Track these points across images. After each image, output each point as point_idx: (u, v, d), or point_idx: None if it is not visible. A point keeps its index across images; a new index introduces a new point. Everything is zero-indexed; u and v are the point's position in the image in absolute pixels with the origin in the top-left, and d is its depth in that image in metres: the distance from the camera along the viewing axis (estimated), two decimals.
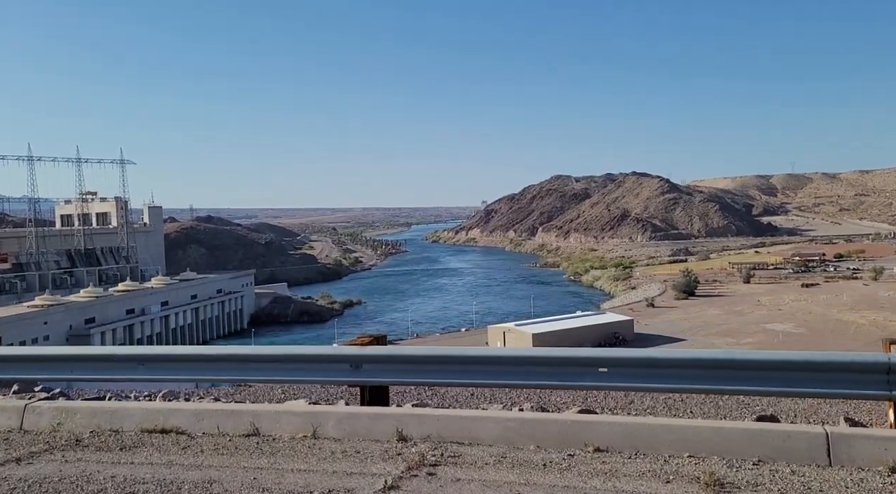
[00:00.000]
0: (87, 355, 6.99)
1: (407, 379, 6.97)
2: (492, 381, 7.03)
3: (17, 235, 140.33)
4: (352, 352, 6.73)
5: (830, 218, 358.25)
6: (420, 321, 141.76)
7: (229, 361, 6.94)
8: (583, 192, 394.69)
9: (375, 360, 6.77)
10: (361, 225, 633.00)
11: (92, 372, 6.95)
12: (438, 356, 6.89)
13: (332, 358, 6.85)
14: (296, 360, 6.86)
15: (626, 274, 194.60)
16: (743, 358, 6.39)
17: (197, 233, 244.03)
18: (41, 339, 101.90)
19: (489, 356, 6.95)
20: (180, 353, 7.08)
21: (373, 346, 6.87)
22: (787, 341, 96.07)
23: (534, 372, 6.76)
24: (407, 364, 6.83)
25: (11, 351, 7.09)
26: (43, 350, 7.18)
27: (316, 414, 6.64)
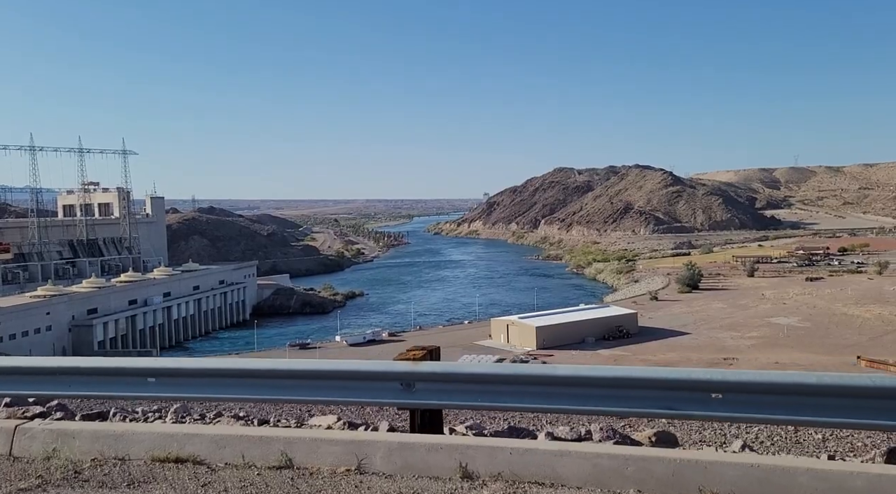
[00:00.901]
0: (88, 368, 5.91)
1: (469, 401, 5.77)
2: (574, 407, 5.77)
3: (19, 225, 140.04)
4: (403, 369, 5.71)
5: (834, 211, 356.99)
6: (423, 313, 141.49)
7: (258, 377, 5.83)
8: (585, 185, 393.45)
9: (431, 379, 5.71)
10: (363, 216, 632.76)
11: (94, 387, 5.88)
12: (507, 375, 5.73)
13: (379, 375, 5.76)
14: (336, 377, 5.79)
15: (629, 268, 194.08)
16: None
17: (199, 224, 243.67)
18: (44, 329, 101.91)
19: (570, 376, 5.65)
20: (199, 367, 5.90)
21: (428, 362, 5.82)
22: (792, 335, 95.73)
23: (625, 397, 5.55)
24: (469, 383, 5.69)
25: (1, 362, 6.08)
26: (37, 361, 6.07)
27: (360, 444, 5.54)
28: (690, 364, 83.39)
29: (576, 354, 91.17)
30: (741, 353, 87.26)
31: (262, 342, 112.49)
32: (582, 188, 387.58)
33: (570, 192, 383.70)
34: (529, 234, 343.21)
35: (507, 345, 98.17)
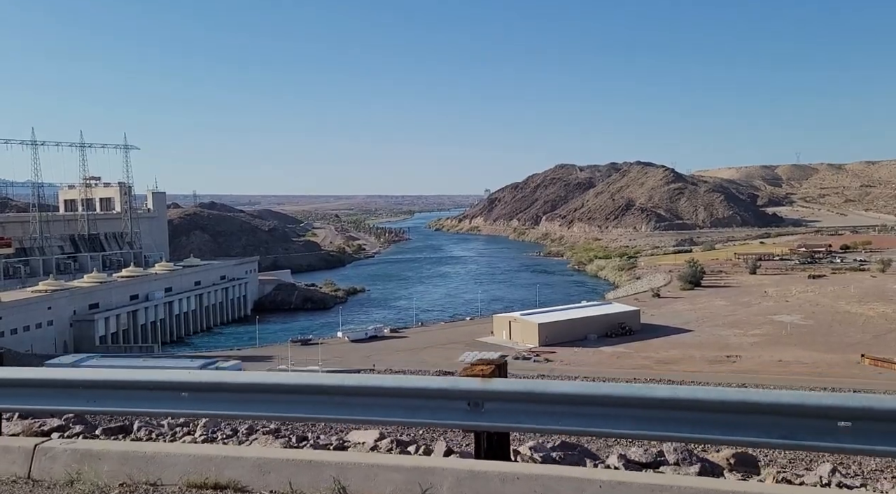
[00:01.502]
0: (115, 381, 5.19)
1: (551, 425, 4.95)
2: (675, 434, 4.90)
3: (20, 220, 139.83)
4: (472, 387, 4.94)
5: (836, 209, 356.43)
6: (425, 309, 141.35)
7: (305, 393, 5.09)
8: (587, 181, 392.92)
9: (504, 398, 4.91)
10: (364, 212, 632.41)
11: (122, 402, 5.16)
12: (598, 396, 4.88)
13: (443, 393, 5.01)
14: (392, 394, 5.03)
15: (631, 264, 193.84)
16: None
17: (200, 220, 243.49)
18: (45, 324, 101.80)
19: (670, 398, 4.82)
20: (238, 382, 5.19)
21: (499, 380, 5.00)
22: (795, 333, 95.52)
23: (735, 424, 4.78)
24: (550, 404, 4.87)
25: (18, 374, 5.32)
26: (58, 373, 5.35)
27: (424, 471, 4.83)
28: (693, 361, 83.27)
29: (578, 351, 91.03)
30: (744, 351, 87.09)
31: (264, 337, 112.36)
32: (583, 185, 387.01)
33: (572, 189, 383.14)
34: (531, 231, 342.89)
35: (510, 342, 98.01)
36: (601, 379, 74.98)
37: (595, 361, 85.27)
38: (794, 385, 68.21)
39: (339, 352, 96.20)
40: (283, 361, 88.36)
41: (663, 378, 74.10)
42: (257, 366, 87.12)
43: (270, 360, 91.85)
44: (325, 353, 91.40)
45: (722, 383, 71.78)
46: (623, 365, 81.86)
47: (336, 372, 71.38)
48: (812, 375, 73.80)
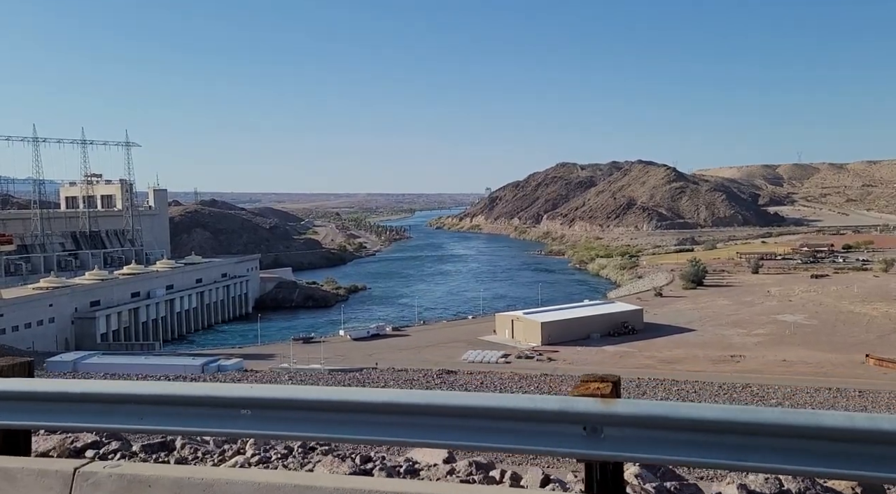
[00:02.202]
0: (164, 396, 4.44)
1: (691, 457, 4.03)
2: (850, 471, 3.92)
3: (21, 217, 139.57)
4: (590, 409, 4.12)
5: (837, 208, 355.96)
6: (427, 307, 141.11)
7: (389, 413, 4.32)
8: (588, 180, 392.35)
9: (628, 423, 4.09)
10: (365, 210, 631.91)
11: (172, 420, 4.41)
12: (747, 423, 3.93)
13: (554, 415, 4.17)
14: (491, 416, 4.23)
15: (633, 263, 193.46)
16: None
17: (201, 217, 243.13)
18: (46, 321, 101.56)
19: (853, 429, 3.82)
20: (309, 398, 4.36)
21: (623, 401, 4.22)
22: (799, 333, 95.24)
23: None
24: (684, 432, 4.00)
25: (52, 386, 4.55)
26: (97, 386, 4.55)
27: None
28: (696, 360, 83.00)
29: (581, 350, 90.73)
30: (748, 350, 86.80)
31: (266, 335, 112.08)
32: (585, 183, 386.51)
33: (573, 188, 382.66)
34: (532, 229, 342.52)
35: (512, 341, 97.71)
36: None
37: (598, 360, 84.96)
38: (799, 385, 67.95)
39: (342, 350, 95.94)
40: (285, 359, 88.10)
41: (667, 377, 73.83)
42: (259, 364, 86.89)
43: (272, 358, 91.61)
44: (328, 351, 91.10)
45: (725, 383, 71.50)
46: (626, 365, 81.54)
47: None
48: (817, 375, 73.51)
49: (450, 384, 71.41)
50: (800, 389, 66.15)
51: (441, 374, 76.86)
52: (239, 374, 79.22)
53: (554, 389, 68.93)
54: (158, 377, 76.62)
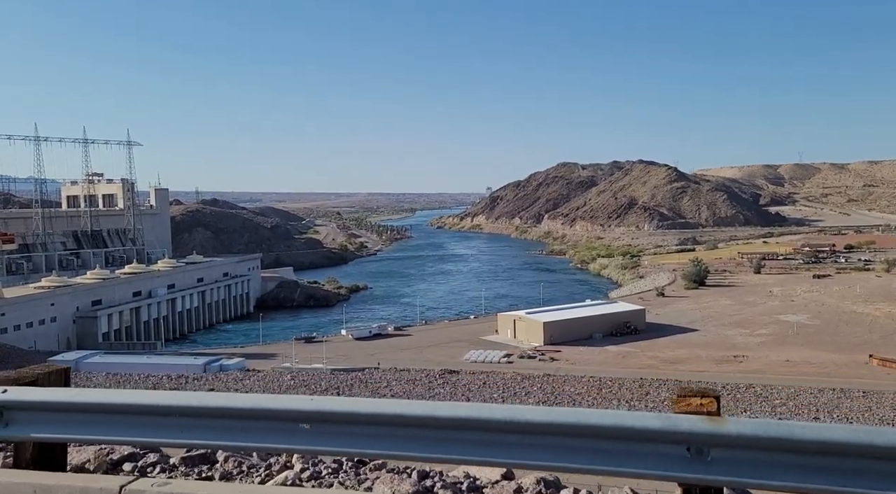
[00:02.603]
0: (215, 408, 4.04)
1: (806, 483, 3.52)
2: None
3: (23, 216, 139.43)
4: (696, 428, 3.65)
5: (839, 208, 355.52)
6: (430, 307, 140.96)
7: (457, 429, 3.84)
8: (589, 180, 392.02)
9: (740, 444, 3.59)
10: (366, 210, 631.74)
11: (228, 435, 4.04)
12: (884, 447, 3.38)
13: (652, 434, 3.69)
14: (584, 434, 3.77)
15: (634, 263, 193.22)
16: None
17: (203, 216, 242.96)
18: (48, 321, 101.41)
19: None
20: (378, 413, 3.94)
21: (732, 419, 3.67)
22: (802, 333, 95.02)
23: None
24: (805, 455, 3.52)
25: (92, 397, 4.19)
26: (142, 397, 4.17)
27: None
28: (699, 360, 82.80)
29: (583, 350, 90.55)
30: (751, 351, 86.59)
31: (267, 335, 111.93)
32: (586, 183, 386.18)
33: (574, 187, 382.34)
34: (533, 229, 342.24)
35: (514, 341, 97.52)
36: (608, 378, 74.41)
37: (601, 360, 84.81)
38: (802, 385, 67.73)
39: (344, 350, 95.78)
40: (287, 359, 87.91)
41: (670, 378, 73.64)
42: (261, 364, 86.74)
43: (274, 358, 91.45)
44: (329, 351, 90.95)
45: (729, 383, 71.27)
46: (629, 365, 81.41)
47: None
48: (820, 376, 73.29)
49: (452, 384, 71.23)
50: (803, 390, 65.94)
51: (443, 374, 76.67)
52: (241, 374, 79.09)
53: (557, 389, 68.76)
54: (160, 376, 76.55)
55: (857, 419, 52.17)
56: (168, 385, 71.10)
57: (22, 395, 4.20)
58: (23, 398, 4.19)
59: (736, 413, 56.82)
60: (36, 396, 4.21)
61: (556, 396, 65.65)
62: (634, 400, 62.73)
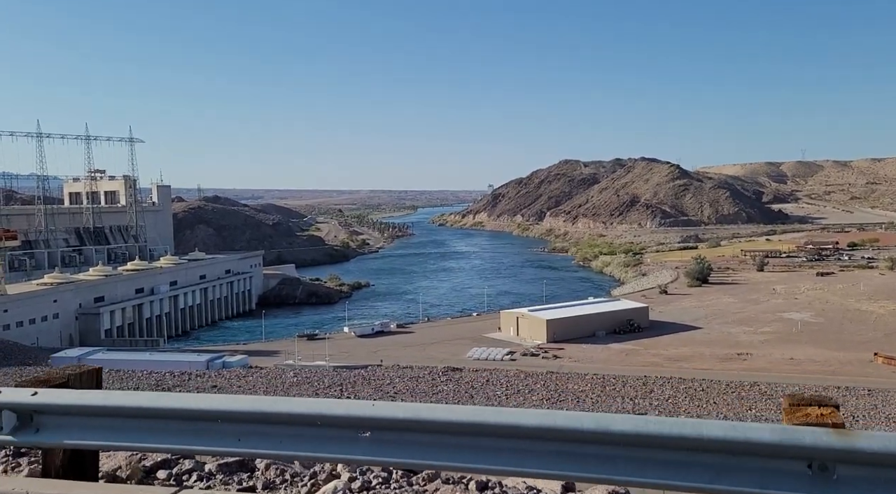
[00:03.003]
0: (263, 413, 3.68)
1: None
2: None
3: (25, 212, 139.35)
4: (820, 442, 3.20)
5: (842, 206, 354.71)
6: (433, 304, 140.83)
7: (544, 439, 3.36)
8: (591, 177, 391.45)
9: (872, 461, 3.14)
10: (367, 207, 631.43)
11: (281, 443, 3.66)
12: None
13: (767, 448, 3.21)
14: (690, 447, 3.25)
15: (637, 261, 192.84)
16: None
17: (205, 213, 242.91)
18: (51, 317, 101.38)
19: None
20: (445, 419, 3.51)
21: (864, 433, 3.19)
22: (806, 331, 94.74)
23: None
24: None
25: (129, 400, 3.87)
26: (186, 401, 3.82)
27: None
28: (703, 358, 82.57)
29: (587, 348, 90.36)
30: (755, 348, 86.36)
31: (269, 332, 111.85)
32: (588, 180, 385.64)
33: (576, 185, 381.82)
34: (535, 226, 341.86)
35: (517, 338, 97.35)
36: (611, 376, 74.21)
37: (604, 358, 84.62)
38: (807, 383, 67.49)
39: (346, 347, 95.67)
40: (289, 356, 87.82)
41: (674, 376, 73.43)
42: (264, 361, 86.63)
43: (277, 355, 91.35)
44: (332, 348, 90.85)
45: (733, 381, 71.05)
46: (633, 363, 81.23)
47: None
48: (825, 374, 73.08)
49: (456, 381, 71.03)
50: (808, 387, 65.63)
51: (447, 371, 76.47)
52: (244, 371, 78.96)
53: (561, 387, 68.55)
54: (163, 373, 76.42)
55: (863, 417, 51.93)
56: (171, 381, 70.97)
57: (53, 398, 3.88)
58: (54, 401, 3.86)
59: (741, 411, 56.73)
60: (68, 399, 3.89)
61: (560, 394, 65.44)
62: (638, 398, 62.53)
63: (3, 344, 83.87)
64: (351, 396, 61.93)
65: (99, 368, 4.40)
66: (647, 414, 57.63)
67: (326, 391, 66.08)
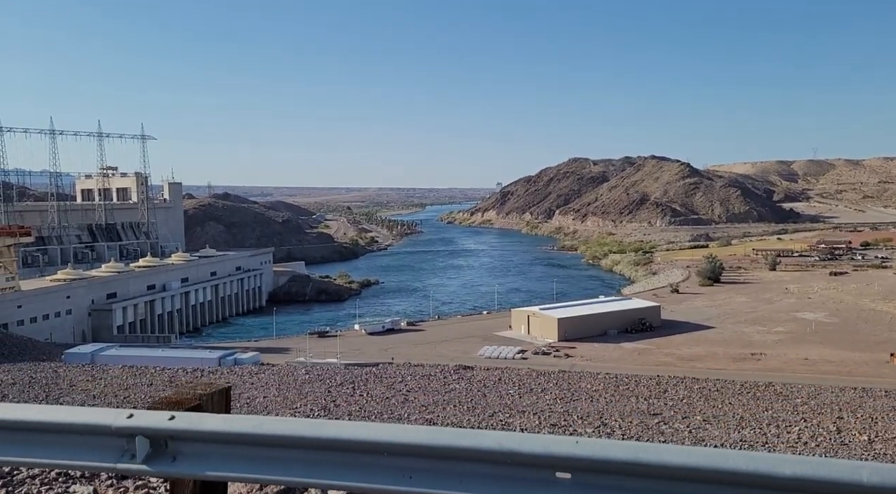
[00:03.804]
0: (446, 449, 3.07)
1: None
2: None
3: (38, 209, 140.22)
4: None
5: (854, 205, 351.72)
6: (445, 301, 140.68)
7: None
8: (600, 175, 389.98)
9: None
10: (376, 205, 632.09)
11: (456, 483, 3.01)
12: None
13: None
14: None
15: (647, 259, 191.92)
16: None
17: (215, 211, 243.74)
18: (64, 313, 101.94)
19: None
20: (677, 464, 2.78)
21: None
22: (820, 331, 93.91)
23: None
24: None
25: (273, 427, 3.33)
26: (340, 430, 3.23)
27: None
28: (717, 358, 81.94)
29: (598, 347, 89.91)
30: (768, 348, 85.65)
31: (280, 329, 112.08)
32: (597, 179, 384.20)
33: (585, 183, 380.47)
34: (544, 225, 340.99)
35: (528, 337, 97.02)
36: (624, 375, 73.73)
37: (616, 357, 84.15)
38: (823, 384, 66.80)
39: (357, 345, 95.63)
40: (300, 353, 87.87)
41: (687, 375, 72.88)
42: (275, 358, 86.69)
43: (288, 352, 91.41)
44: (343, 346, 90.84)
45: (748, 381, 70.44)
46: (646, 362, 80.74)
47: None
48: (840, 374, 72.35)
49: (468, 380, 70.78)
50: (824, 388, 65.02)
51: (458, 370, 76.20)
52: (256, 368, 79.04)
53: (574, 386, 68.15)
54: (176, 369, 76.57)
55: (882, 419, 51.24)
56: (184, 378, 71.11)
57: (192, 423, 3.38)
58: (193, 427, 3.36)
59: (758, 412, 56.14)
60: (210, 425, 3.37)
61: (573, 393, 65.03)
62: (653, 398, 62.00)
63: (17, 340, 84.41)
64: (364, 394, 61.71)
65: (228, 388, 4.00)
66: (661, 414, 57.23)
67: (339, 388, 65.96)
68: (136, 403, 57.70)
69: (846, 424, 50.04)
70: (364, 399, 58.69)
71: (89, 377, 68.74)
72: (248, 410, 56.56)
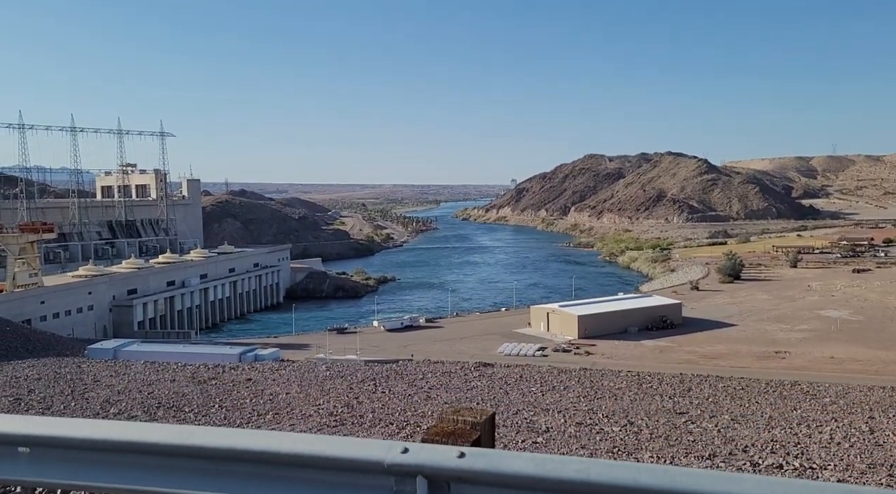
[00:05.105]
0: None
1: None
2: None
3: (59, 206, 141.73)
4: None
5: (875, 201, 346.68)
6: (465, 297, 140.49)
7: None
8: (616, 172, 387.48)
9: None
10: (391, 201, 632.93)
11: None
12: None
13: None
14: None
15: (665, 256, 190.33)
16: None
17: (232, 207, 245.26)
18: (85, 309, 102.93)
19: None
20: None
21: None
22: (845, 329, 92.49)
23: None
24: None
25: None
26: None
27: None
28: (740, 356, 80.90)
29: (619, 344, 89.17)
30: (792, 346, 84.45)
31: (298, 325, 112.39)
32: (613, 175, 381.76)
33: (601, 179, 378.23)
34: (559, 221, 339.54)
35: (548, 334, 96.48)
36: (646, 373, 73.02)
37: (637, 355, 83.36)
38: (850, 383, 65.67)
39: (376, 341, 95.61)
40: (320, 349, 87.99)
41: (710, 374, 71.99)
42: (295, 354, 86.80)
43: (308, 348, 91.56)
44: (362, 342, 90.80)
45: (773, 380, 69.41)
46: (667, 360, 79.84)
47: (378, 361, 69.28)
48: (868, 373, 71.03)
49: (489, 377, 70.42)
50: (852, 388, 63.69)
51: (478, 367, 75.58)
52: (276, 364, 79.17)
53: (596, 384, 67.45)
54: (197, 365, 76.85)
55: None
56: (206, 374, 71.43)
57: (492, 463, 2.51)
58: (493, 468, 2.50)
59: (786, 411, 55.30)
60: (515, 466, 2.48)
61: (596, 391, 64.22)
62: (677, 397, 61.00)
63: (41, 335, 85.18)
64: (386, 391, 61.60)
65: (493, 414, 3.12)
66: (688, 413, 56.58)
67: (361, 385, 65.93)
68: (161, 399, 58.06)
69: (878, 424, 48.99)
70: (387, 396, 58.41)
71: (112, 372, 69.23)
72: (271, 406, 56.83)
